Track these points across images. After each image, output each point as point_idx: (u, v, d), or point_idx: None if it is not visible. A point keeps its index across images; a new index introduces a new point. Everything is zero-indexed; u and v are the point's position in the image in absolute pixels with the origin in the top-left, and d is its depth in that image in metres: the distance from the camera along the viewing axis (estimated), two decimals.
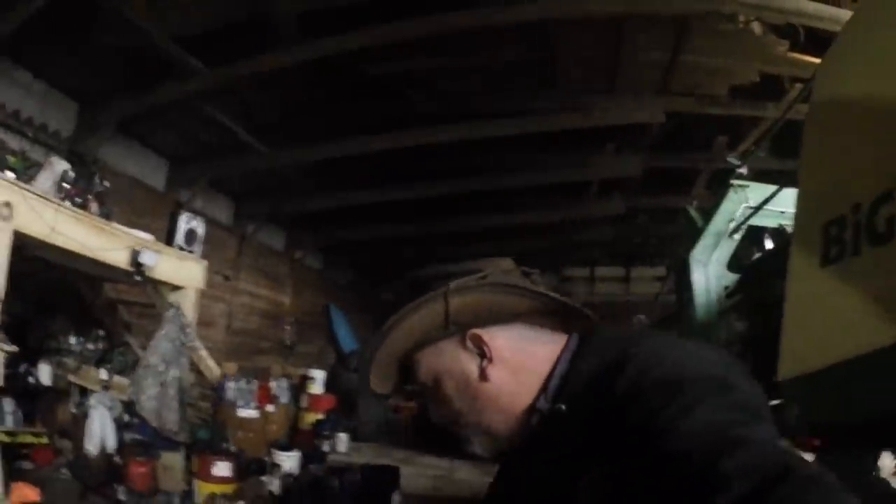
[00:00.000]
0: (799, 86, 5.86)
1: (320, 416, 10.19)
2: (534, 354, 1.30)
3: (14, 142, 6.98)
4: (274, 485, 6.69)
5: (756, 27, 7.46)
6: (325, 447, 9.41)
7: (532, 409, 1.27)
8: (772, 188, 5.18)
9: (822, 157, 2.93)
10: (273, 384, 9.83)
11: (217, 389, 8.30)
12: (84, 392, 6.97)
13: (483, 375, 1.28)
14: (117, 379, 7.10)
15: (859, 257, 2.45)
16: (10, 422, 6.00)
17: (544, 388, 1.26)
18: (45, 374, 6.74)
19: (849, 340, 2.44)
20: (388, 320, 1.33)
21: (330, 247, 16.37)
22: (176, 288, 7.28)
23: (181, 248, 7.25)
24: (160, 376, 6.61)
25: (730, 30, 7.43)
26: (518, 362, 1.29)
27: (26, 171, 5.63)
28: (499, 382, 1.28)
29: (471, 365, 1.29)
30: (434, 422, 1.40)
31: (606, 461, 1.06)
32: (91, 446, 6.11)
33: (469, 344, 1.29)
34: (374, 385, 1.38)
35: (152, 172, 10.38)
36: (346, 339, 14.71)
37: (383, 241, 15.55)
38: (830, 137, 2.90)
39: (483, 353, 1.29)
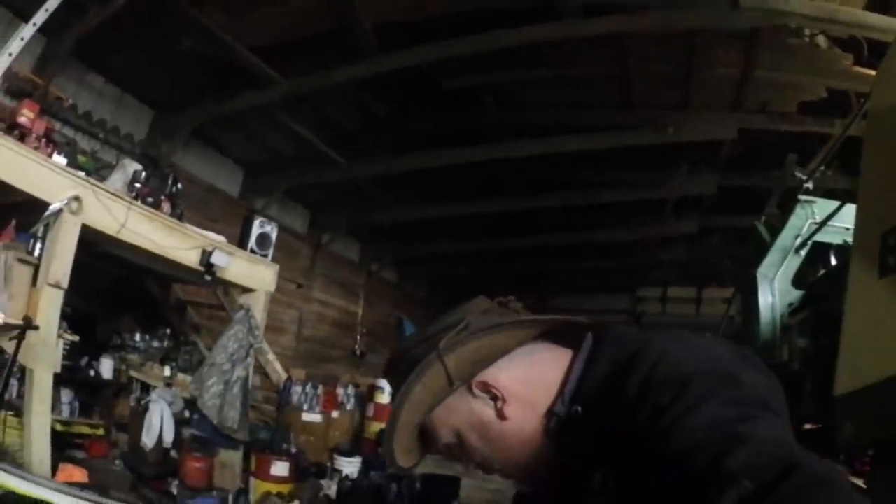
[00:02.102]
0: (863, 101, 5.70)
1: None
2: (544, 374, 1.29)
3: (85, 143, 7.24)
4: (331, 489, 6.75)
5: (821, 41, 7.33)
6: None
7: (550, 414, 1.25)
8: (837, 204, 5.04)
9: (881, 167, 2.83)
10: (340, 391, 9.92)
11: (282, 392, 8.45)
12: (146, 388, 7.19)
13: (501, 416, 1.27)
14: (181, 376, 7.30)
15: None
16: (66, 412, 6.28)
17: (560, 393, 1.25)
18: (106, 368, 6.98)
19: None
20: (394, 398, 1.32)
21: (405, 260, 16.39)
22: (246, 290, 7.38)
23: (253, 252, 7.35)
24: (225, 375, 6.67)
25: (797, 44, 7.32)
26: (531, 390, 1.28)
27: (97, 171, 5.87)
28: (519, 415, 1.27)
29: (486, 410, 1.28)
30: (473, 470, 1.38)
31: (617, 460, 1.08)
32: (148, 439, 6.27)
33: (477, 392, 1.28)
34: (401, 461, 1.34)
35: (227, 179, 10.71)
36: None
37: (459, 256, 15.56)
38: (889, 147, 2.81)
39: (495, 396, 1.27)
